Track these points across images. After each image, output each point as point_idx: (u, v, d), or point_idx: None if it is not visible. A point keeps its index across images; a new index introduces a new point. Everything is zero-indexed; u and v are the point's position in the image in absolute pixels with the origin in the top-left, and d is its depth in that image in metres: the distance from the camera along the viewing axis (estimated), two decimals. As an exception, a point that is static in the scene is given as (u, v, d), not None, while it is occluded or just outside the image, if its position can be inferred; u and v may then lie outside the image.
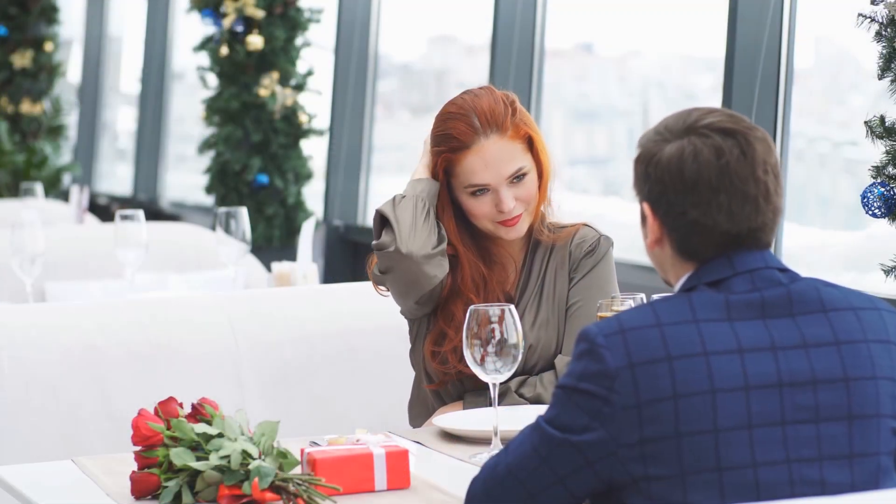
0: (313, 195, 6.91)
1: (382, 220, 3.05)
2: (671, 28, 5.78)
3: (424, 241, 3.01)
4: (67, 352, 3.31)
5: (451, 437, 2.87)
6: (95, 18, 9.69)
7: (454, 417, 2.95)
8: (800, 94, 4.85)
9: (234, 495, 2.37)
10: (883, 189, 3.42)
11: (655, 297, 2.38)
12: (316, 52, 6.89)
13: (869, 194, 3.43)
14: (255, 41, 6.52)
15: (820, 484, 2.07)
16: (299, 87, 6.67)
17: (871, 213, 3.44)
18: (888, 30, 3.43)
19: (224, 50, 6.58)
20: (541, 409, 2.87)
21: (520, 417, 2.90)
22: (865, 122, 3.47)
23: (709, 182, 2.11)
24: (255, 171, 6.56)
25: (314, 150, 6.86)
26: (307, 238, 4.67)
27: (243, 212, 4.27)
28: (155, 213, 8.39)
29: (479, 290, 3.09)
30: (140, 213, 4.21)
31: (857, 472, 2.10)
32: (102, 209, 8.68)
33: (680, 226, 2.13)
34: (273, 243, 6.61)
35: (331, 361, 3.47)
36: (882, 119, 3.45)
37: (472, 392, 3.09)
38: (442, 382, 3.12)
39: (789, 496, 2.06)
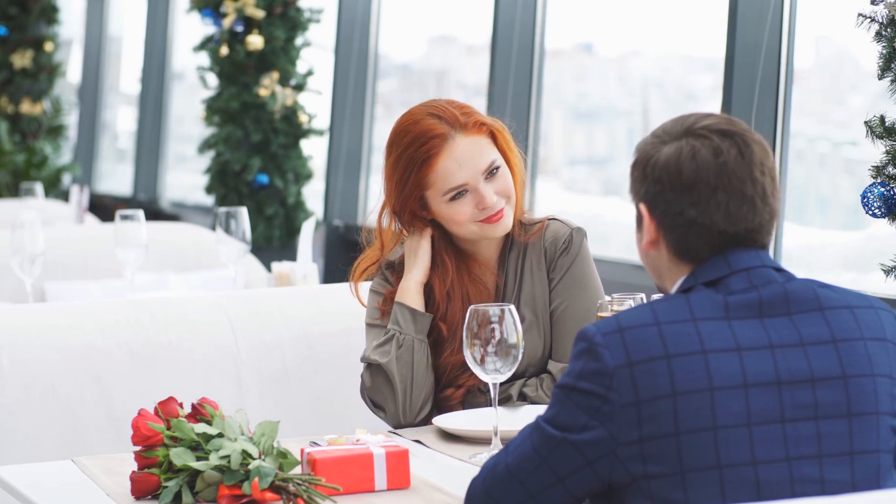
0: (313, 195, 6.91)
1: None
2: (671, 28, 5.78)
3: (421, 401, 3.04)
4: (67, 352, 3.30)
5: (451, 437, 2.87)
6: (95, 18, 9.69)
7: (454, 417, 2.95)
8: (800, 94, 4.85)
9: (234, 495, 2.37)
10: (883, 189, 3.42)
11: (655, 296, 2.39)
12: (316, 52, 6.89)
13: (869, 194, 3.43)
14: (255, 41, 6.52)
15: (820, 482, 2.08)
16: (299, 87, 6.67)
17: (871, 213, 3.44)
18: (888, 30, 3.43)
19: (224, 50, 6.58)
20: (540, 409, 2.88)
21: (520, 417, 2.91)
22: (865, 122, 3.47)
23: (707, 181, 2.11)
24: (255, 171, 6.56)
25: (314, 150, 6.85)
26: (307, 238, 4.67)
27: (243, 212, 4.27)
28: (155, 213, 8.39)
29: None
30: (140, 213, 4.21)
31: (857, 469, 2.10)
32: (102, 209, 8.68)
33: (677, 226, 2.13)
34: (273, 243, 6.60)
35: (331, 361, 3.47)
36: (882, 119, 3.45)
37: (471, 392, 3.09)
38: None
39: (789, 494, 2.06)
